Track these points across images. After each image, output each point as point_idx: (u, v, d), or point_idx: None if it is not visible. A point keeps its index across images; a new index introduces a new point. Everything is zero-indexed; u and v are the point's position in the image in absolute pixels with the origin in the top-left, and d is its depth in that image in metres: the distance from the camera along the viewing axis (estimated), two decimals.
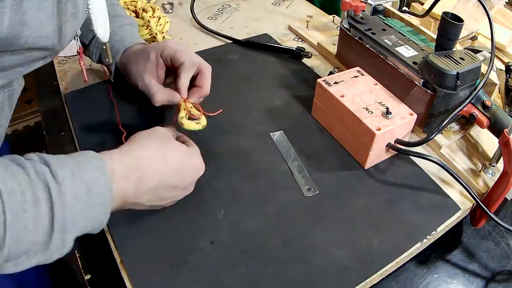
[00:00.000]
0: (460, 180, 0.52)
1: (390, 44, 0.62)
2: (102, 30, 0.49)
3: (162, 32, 0.81)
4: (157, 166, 0.44)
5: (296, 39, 0.86)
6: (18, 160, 0.35)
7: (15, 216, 0.32)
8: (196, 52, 0.78)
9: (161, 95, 0.55)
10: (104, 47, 0.52)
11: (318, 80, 0.61)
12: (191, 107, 0.55)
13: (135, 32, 0.65)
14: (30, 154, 0.36)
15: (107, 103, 0.66)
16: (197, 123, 0.54)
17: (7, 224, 0.31)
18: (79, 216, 0.36)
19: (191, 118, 0.54)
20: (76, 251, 0.51)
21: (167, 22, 0.84)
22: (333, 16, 0.91)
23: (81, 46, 0.54)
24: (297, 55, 0.78)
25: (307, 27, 0.88)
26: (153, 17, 0.81)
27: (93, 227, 0.39)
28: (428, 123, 0.59)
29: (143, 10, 0.82)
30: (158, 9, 0.84)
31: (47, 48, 0.40)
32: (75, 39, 0.49)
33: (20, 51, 0.38)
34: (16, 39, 0.35)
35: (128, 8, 0.82)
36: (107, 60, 0.55)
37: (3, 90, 0.45)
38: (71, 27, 0.41)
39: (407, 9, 0.81)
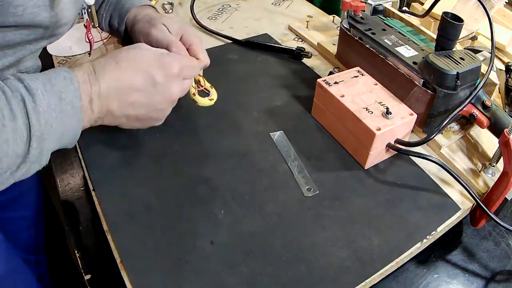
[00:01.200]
0: (460, 180, 0.52)
1: (390, 44, 0.62)
2: None
3: None
4: (109, 67, 0.43)
5: (296, 39, 0.86)
6: None
7: None
8: None
9: (180, 45, 0.53)
10: (89, 10, 0.51)
11: (318, 80, 0.61)
12: (199, 79, 0.54)
13: None
14: (5, 74, 0.38)
15: None
16: (210, 99, 0.53)
17: None
18: (54, 124, 0.37)
19: (201, 93, 0.53)
20: (76, 251, 0.51)
21: None
22: (333, 16, 0.91)
23: (88, 19, 0.53)
24: (297, 55, 0.78)
25: (307, 27, 0.88)
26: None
27: (69, 138, 0.40)
28: (428, 123, 0.59)
29: None
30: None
31: (43, 24, 0.40)
32: (82, 13, 0.50)
33: (21, 27, 0.39)
34: (11, 5, 0.36)
35: None
36: (92, 24, 0.54)
37: (13, 70, 0.45)
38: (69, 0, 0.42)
39: (407, 9, 0.81)
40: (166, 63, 0.46)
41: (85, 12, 0.51)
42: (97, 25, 0.55)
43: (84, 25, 0.53)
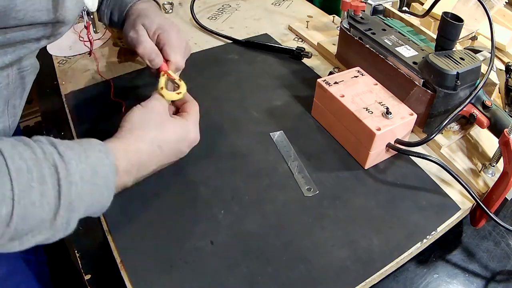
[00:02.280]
0: (460, 180, 0.52)
1: (390, 44, 0.62)
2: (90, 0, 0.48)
3: None
4: (155, 156, 0.45)
5: (296, 39, 0.86)
6: (25, 141, 0.36)
7: (22, 192, 0.33)
8: (196, 52, 0.79)
9: (148, 45, 0.54)
10: (91, 16, 0.52)
11: (318, 80, 0.61)
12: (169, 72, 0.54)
13: None
14: (37, 136, 0.37)
15: (107, 103, 0.66)
16: (177, 93, 0.52)
17: (15, 200, 0.32)
18: (85, 196, 0.37)
19: (170, 86, 0.53)
20: (76, 251, 0.51)
21: None
22: (333, 16, 0.91)
23: (88, 21, 0.54)
24: (297, 55, 0.78)
25: (307, 27, 0.88)
26: None
27: (96, 210, 0.40)
28: (428, 123, 0.59)
29: None
30: None
31: (45, 22, 0.40)
32: (82, 14, 0.50)
33: (22, 26, 0.39)
34: (13, 11, 0.36)
35: None
36: (94, 29, 0.55)
37: (12, 68, 0.45)
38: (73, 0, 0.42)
39: (407, 9, 0.81)
40: (195, 141, 0.50)
41: (85, 14, 0.51)
42: (98, 31, 0.55)
43: (84, 26, 0.53)
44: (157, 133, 0.46)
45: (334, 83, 0.60)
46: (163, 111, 0.48)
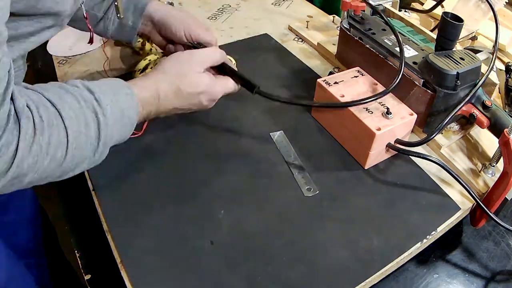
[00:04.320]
0: (460, 180, 0.52)
1: (390, 44, 0.62)
2: None
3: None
4: (174, 95, 0.50)
5: (296, 39, 0.86)
6: (66, 88, 0.41)
7: (74, 138, 0.39)
8: None
9: (214, 39, 0.62)
10: (116, 3, 0.55)
11: (318, 80, 0.61)
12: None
13: None
14: (74, 81, 0.42)
15: None
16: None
17: (69, 145, 0.38)
18: (115, 133, 0.43)
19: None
20: (76, 251, 0.51)
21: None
22: (333, 16, 0.91)
23: (87, 11, 0.56)
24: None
25: (307, 27, 0.88)
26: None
27: (120, 140, 0.46)
28: (428, 123, 0.59)
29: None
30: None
31: (60, 13, 0.43)
32: (81, 6, 0.52)
33: (35, 16, 0.41)
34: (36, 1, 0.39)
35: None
36: (118, 15, 0.58)
37: (23, 59, 0.48)
38: None
39: (407, 10, 0.81)
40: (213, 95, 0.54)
41: (83, 6, 0.52)
42: (122, 16, 0.58)
43: (84, 16, 0.54)
44: (179, 77, 0.50)
45: (334, 83, 0.60)
46: (193, 63, 0.52)
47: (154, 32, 0.64)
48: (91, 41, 0.60)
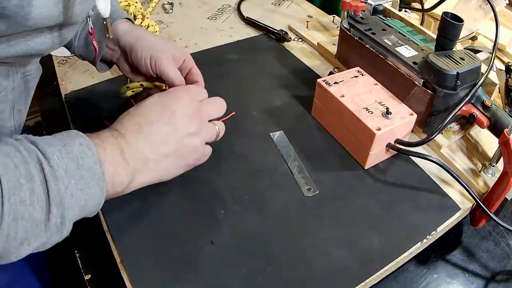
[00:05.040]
0: (460, 180, 0.52)
1: (390, 44, 0.62)
2: (103, 4, 0.45)
3: None
4: (143, 137, 0.43)
5: (296, 39, 0.86)
6: (6, 140, 0.35)
7: (11, 190, 0.32)
8: (196, 52, 0.79)
9: (180, 78, 0.54)
10: (104, 22, 0.48)
11: (318, 80, 0.61)
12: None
13: (118, 5, 0.60)
14: (17, 136, 0.37)
15: (107, 103, 0.66)
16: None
17: (4, 197, 0.31)
18: (75, 191, 0.36)
19: None
20: (76, 251, 0.51)
21: (156, 31, 0.83)
22: (333, 16, 0.91)
23: (93, 27, 0.51)
24: (279, 37, 0.83)
25: (307, 27, 0.88)
26: (141, 26, 0.80)
27: (93, 206, 0.38)
28: (428, 123, 0.59)
29: (134, 17, 0.82)
30: (148, 17, 0.83)
31: (52, 26, 0.39)
32: (86, 20, 0.49)
33: (30, 32, 0.38)
34: (24, 19, 0.35)
35: None
36: (107, 35, 0.50)
37: (17, 73, 0.45)
38: (81, 8, 0.41)
39: (407, 10, 0.81)
40: (168, 95, 0.48)
41: (89, 20, 0.50)
42: (111, 36, 0.51)
43: (88, 32, 0.52)
44: (138, 116, 0.45)
45: (334, 83, 0.60)
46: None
47: (122, 60, 0.58)
48: (95, 58, 0.56)
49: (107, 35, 0.49)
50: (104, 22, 0.48)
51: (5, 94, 0.45)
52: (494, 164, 0.57)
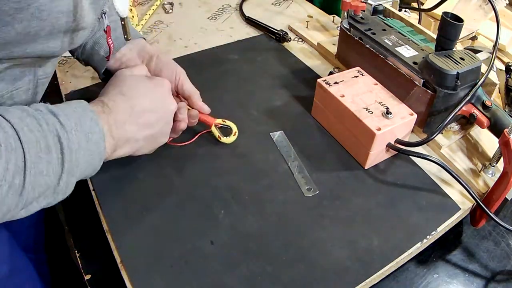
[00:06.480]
0: (460, 180, 0.52)
1: (390, 44, 0.62)
2: (121, 4, 0.46)
3: None
4: (120, 100, 0.47)
5: (296, 39, 0.86)
6: (29, 111, 0.38)
7: (32, 163, 0.36)
8: (196, 52, 0.79)
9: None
10: (122, 23, 0.50)
11: (318, 80, 0.61)
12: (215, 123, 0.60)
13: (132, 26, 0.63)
14: (37, 105, 0.40)
15: None
16: (233, 135, 0.60)
17: (27, 171, 0.35)
18: (82, 161, 0.40)
19: (223, 131, 0.60)
20: (76, 251, 0.51)
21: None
22: (333, 16, 0.91)
23: (108, 25, 0.52)
24: (279, 38, 0.83)
25: (307, 27, 0.88)
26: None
27: (88, 173, 0.44)
28: (428, 123, 0.59)
29: None
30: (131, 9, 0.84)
31: (62, 29, 0.41)
32: (102, 17, 0.49)
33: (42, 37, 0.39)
34: (38, 10, 0.36)
35: None
36: (125, 36, 0.52)
37: (35, 74, 0.46)
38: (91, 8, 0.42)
39: (407, 10, 0.81)
40: (159, 82, 0.52)
41: (105, 17, 0.50)
42: (130, 37, 0.53)
43: (104, 30, 0.52)
44: (124, 83, 0.50)
45: (334, 83, 0.60)
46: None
47: None
48: (108, 58, 0.57)
49: (125, 36, 0.52)
50: (123, 23, 0.50)
51: (17, 94, 0.45)
52: (494, 164, 0.57)
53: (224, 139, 0.59)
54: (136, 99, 0.49)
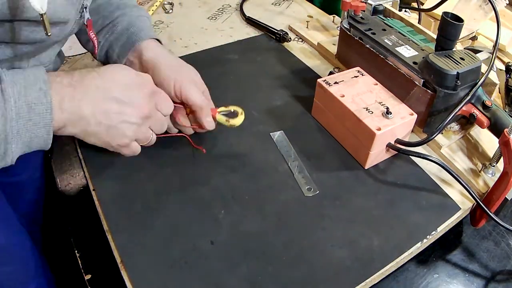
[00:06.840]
0: (460, 180, 0.52)
1: (390, 44, 0.62)
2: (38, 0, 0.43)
3: None
4: (90, 76, 0.46)
5: (296, 39, 0.86)
6: None
7: None
8: (196, 52, 0.79)
9: (206, 102, 0.56)
10: (41, 18, 0.45)
11: (318, 80, 0.61)
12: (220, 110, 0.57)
13: (150, 25, 0.62)
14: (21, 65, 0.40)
15: None
16: (241, 114, 0.56)
17: None
18: (22, 131, 0.40)
19: (231, 115, 0.57)
20: (76, 251, 0.51)
21: None
22: (333, 16, 0.91)
23: (89, 18, 0.51)
24: (279, 38, 0.83)
25: (307, 27, 0.88)
26: None
27: (39, 144, 0.42)
28: (428, 123, 0.59)
29: None
30: None
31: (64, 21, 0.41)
32: (83, 11, 0.48)
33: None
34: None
35: None
36: (45, 32, 0.46)
37: (28, 61, 0.46)
38: None
39: (407, 10, 0.81)
40: (143, 82, 0.50)
41: (85, 11, 0.49)
42: (50, 34, 0.46)
43: (84, 23, 0.51)
44: (105, 67, 0.48)
45: (334, 83, 0.60)
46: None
47: None
48: (95, 52, 0.57)
49: (45, 32, 0.47)
50: (41, 19, 0.45)
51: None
52: (494, 164, 0.57)
53: (233, 121, 0.56)
54: (108, 82, 0.46)
